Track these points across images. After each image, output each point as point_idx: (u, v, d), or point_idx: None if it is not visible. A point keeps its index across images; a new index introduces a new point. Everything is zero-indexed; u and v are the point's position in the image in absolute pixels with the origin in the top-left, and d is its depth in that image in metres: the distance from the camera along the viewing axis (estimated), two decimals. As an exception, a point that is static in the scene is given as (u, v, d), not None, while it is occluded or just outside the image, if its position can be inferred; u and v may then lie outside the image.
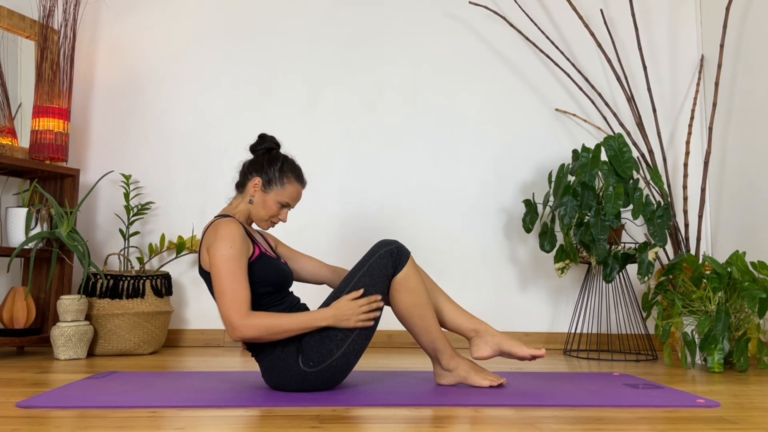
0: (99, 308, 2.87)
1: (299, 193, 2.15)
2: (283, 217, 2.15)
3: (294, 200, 2.14)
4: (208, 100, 3.39)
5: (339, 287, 1.99)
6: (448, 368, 2.09)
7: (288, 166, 2.14)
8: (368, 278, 1.96)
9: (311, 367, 1.92)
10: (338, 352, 1.92)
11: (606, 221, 2.84)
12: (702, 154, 3.42)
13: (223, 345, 3.27)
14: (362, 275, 1.96)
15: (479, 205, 3.41)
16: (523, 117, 3.47)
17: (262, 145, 2.18)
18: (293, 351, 1.93)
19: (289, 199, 2.13)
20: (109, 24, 3.39)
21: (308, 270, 2.28)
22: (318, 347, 1.91)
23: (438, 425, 1.56)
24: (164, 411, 1.68)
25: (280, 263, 2.09)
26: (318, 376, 1.93)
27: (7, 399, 1.83)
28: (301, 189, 2.16)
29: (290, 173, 2.13)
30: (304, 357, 1.92)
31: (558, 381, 2.26)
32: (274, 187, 2.10)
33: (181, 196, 3.33)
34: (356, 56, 3.45)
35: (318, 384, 1.94)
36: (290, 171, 2.13)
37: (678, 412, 1.74)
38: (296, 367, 1.92)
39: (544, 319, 3.39)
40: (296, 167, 2.16)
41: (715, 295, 2.64)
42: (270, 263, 2.03)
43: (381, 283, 1.96)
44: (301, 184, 2.16)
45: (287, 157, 2.17)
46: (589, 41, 3.47)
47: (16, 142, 3.00)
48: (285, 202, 2.12)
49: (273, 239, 2.30)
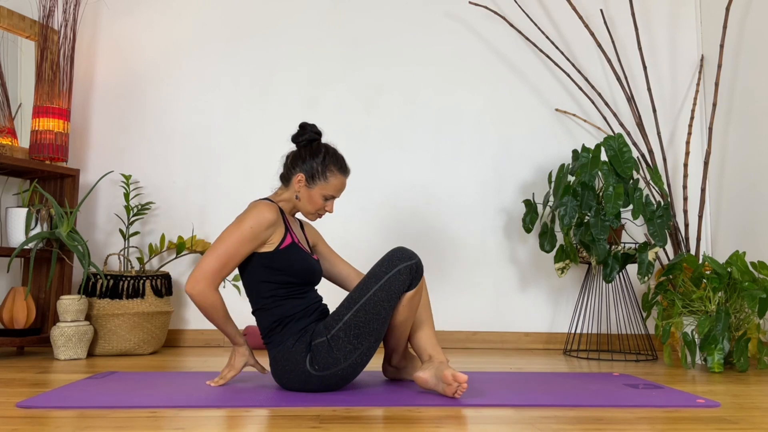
0: (99, 308, 2.87)
1: (343, 184, 2.13)
2: (329, 209, 2.14)
3: (339, 191, 2.13)
4: (208, 100, 3.39)
5: (355, 293, 1.94)
6: (396, 365, 2.20)
7: (330, 158, 2.12)
8: (384, 293, 1.91)
9: (316, 371, 1.92)
10: (345, 363, 1.92)
11: (606, 221, 2.84)
12: (702, 154, 3.42)
13: (223, 345, 3.27)
14: (379, 288, 1.91)
15: (479, 205, 3.41)
16: (523, 117, 3.47)
17: (303, 136, 2.15)
18: (303, 349, 1.94)
19: (333, 192, 2.12)
20: (109, 24, 3.39)
21: (340, 273, 2.29)
22: (326, 354, 1.91)
23: (438, 425, 1.56)
24: (164, 411, 1.68)
25: (310, 258, 2.09)
26: (321, 380, 1.93)
27: (7, 399, 1.83)
28: (345, 179, 2.14)
29: (332, 165, 2.11)
30: (312, 358, 1.92)
31: (558, 381, 2.25)
32: (318, 181, 2.10)
33: (181, 196, 3.33)
34: (356, 56, 3.45)
35: (319, 386, 1.95)
36: (332, 163, 2.11)
37: (678, 412, 1.74)
38: (302, 365, 1.93)
39: (544, 319, 3.39)
40: (338, 157, 2.13)
41: (715, 295, 2.64)
42: (298, 255, 2.04)
43: (395, 299, 1.93)
44: (345, 174, 2.13)
45: (328, 147, 2.14)
46: (589, 41, 3.47)
47: (16, 142, 3.00)
48: (330, 195, 2.12)
49: (314, 235, 2.29)
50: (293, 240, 2.05)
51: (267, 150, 3.38)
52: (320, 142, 2.15)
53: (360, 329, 1.90)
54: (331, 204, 2.15)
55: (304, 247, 2.09)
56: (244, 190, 3.35)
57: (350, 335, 1.90)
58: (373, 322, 1.91)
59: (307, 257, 2.07)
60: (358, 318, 1.90)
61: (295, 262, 2.02)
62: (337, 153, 2.14)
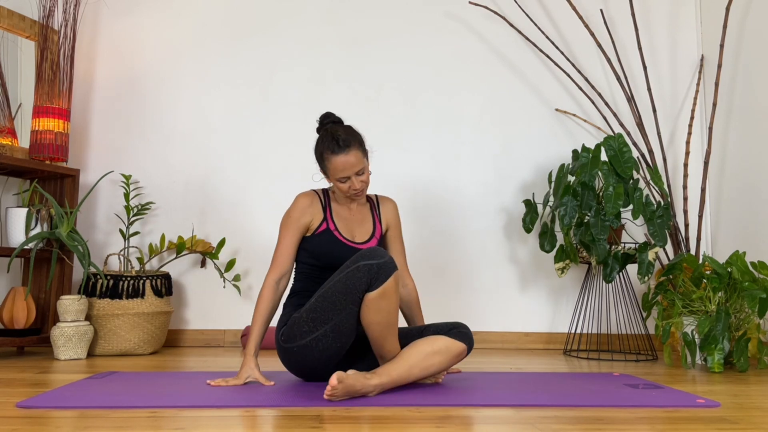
0: (99, 308, 2.87)
1: (346, 162, 2.09)
2: (355, 186, 2.13)
3: (346, 170, 2.10)
4: (208, 100, 3.39)
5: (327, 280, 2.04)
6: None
7: (321, 145, 2.14)
8: (341, 285, 1.94)
9: (282, 342, 2.07)
10: (299, 342, 2.01)
11: (606, 221, 2.84)
12: (702, 154, 3.42)
13: (223, 345, 3.27)
14: (338, 281, 1.96)
15: (479, 205, 3.41)
16: (523, 117, 3.47)
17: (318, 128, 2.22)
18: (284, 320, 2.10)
19: (341, 174, 2.12)
20: (109, 24, 3.39)
21: None
22: (290, 328, 2.05)
23: (438, 425, 1.56)
24: (164, 411, 1.68)
25: (342, 246, 2.15)
26: (284, 352, 2.08)
27: (7, 399, 1.83)
28: (344, 156, 2.09)
29: (326, 151, 2.12)
30: (284, 328, 2.07)
31: (558, 381, 2.25)
32: (327, 170, 2.16)
33: (181, 196, 3.33)
34: (356, 56, 3.45)
35: (285, 360, 2.09)
36: (325, 149, 2.12)
37: (678, 412, 1.74)
38: (279, 334, 2.10)
39: (544, 319, 3.39)
40: (328, 139, 2.12)
41: (715, 295, 2.64)
42: (328, 241, 2.15)
43: (353, 294, 1.94)
44: (340, 152, 2.09)
45: (322, 133, 2.18)
46: (589, 41, 3.47)
47: (16, 142, 3.00)
48: (341, 177, 2.12)
49: (390, 219, 2.32)
50: (328, 227, 2.16)
51: (267, 150, 3.38)
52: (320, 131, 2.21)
53: (317, 314, 1.98)
54: (354, 182, 2.13)
55: (340, 235, 2.17)
56: (244, 190, 3.35)
57: (308, 318, 2.00)
58: (329, 311, 1.96)
59: (336, 244, 2.15)
60: (317, 303, 1.98)
61: (321, 248, 2.16)
62: (327, 135, 2.14)
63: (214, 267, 3.27)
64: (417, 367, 2.00)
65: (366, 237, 2.23)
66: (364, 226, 2.26)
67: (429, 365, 2.02)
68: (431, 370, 2.04)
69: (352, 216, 2.25)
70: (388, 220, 2.32)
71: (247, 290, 3.30)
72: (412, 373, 2.00)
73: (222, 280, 3.24)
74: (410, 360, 2.00)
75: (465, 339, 2.08)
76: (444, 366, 2.06)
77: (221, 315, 3.28)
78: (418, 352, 2.01)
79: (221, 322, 3.29)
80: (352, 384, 1.83)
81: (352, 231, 2.22)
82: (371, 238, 2.23)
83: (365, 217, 2.28)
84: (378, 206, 2.33)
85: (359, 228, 2.24)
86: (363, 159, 2.13)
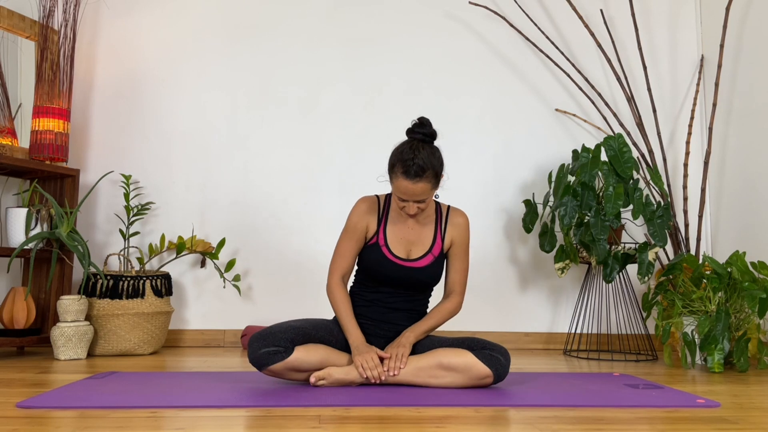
0: (99, 308, 2.87)
1: (411, 189, 2.00)
2: (409, 211, 2.06)
3: (407, 195, 2.03)
4: (208, 100, 3.39)
5: None
6: None
7: (397, 156, 2.04)
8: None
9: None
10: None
11: (606, 221, 2.84)
12: (702, 154, 3.42)
13: (223, 345, 3.27)
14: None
15: (479, 205, 3.41)
16: (523, 117, 3.47)
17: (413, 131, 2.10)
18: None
19: (399, 194, 2.05)
20: (109, 24, 3.39)
21: (446, 282, 2.24)
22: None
23: (438, 425, 1.56)
24: (164, 411, 1.68)
25: (388, 262, 2.11)
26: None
27: (7, 399, 1.83)
28: (412, 184, 1.99)
29: (396, 165, 2.02)
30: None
31: (558, 381, 2.25)
32: (391, 182, 2.08)
33: (181, 196, 3.33)
34: (356, 56, 3.45)
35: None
36: (397, 163, 2.02)
37: (678, 412, 1.74)
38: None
39: (544, 319, 3.39)
40: (404, 156, 2.01)
41: (715, 295, 2.64)
42: (376, 256, 2.13)
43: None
44: (406, 177, 1.99)
45: (405, 145, 2.05)
46: (589, 41, 3.47)
47: (16, 143, 3.00)
48: (399, 196, 2.05)
49: (456, 236, 2.19)
50: (377, 240, 2.14)
51: (267, 150, 3.38)
52: (405, 140, 2.09)
53: None
54: (410, 205, 2.05)
55: (389, 251, 2.12)
56: (244, 190, 3.35)
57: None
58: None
59: (383, 261, 2.12)
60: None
61: (368, 260, 2.15)
62: (409, 151, 2.01)
63: (214, 267, 3.27)
64: (424, 372, 2.02)
65: (421, 253, 2.15)
66: (422, 240, 2.17)
67: (433, 375, 2.02)
68: (441, 382, 2.02)
69: (410, 228, 2.17)
70: (453, 236, 2.19)
71: (247, 290, 3.30)
72: (419, 376, 2.03)
73: (222, 280, 3.24)
74: (420, 362, 2.03)
75: (493, 363, 1.99)
76: (460, 384, 2.01)
77: (221, 315, 3.28)
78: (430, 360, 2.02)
79: (221, 322, 3.29)
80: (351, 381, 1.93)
81: (407, 245, 2.15)
82: (427, 254, 2.15)
83: (426, 231, 2.18)
84: (445, 220, 2.21)
85: (416, 242, 2.16)
86: (430, 191, 2.04)
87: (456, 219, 2.21)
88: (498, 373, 2.01)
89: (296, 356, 1.97)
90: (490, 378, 2.01)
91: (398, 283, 2.14)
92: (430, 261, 2.15)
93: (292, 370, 1.99)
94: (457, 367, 2.00)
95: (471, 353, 2.01)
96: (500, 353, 2.02)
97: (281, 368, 1.98)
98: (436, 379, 2.02)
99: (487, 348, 2.03)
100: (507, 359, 2.03)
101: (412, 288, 2.16)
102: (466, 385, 2.02)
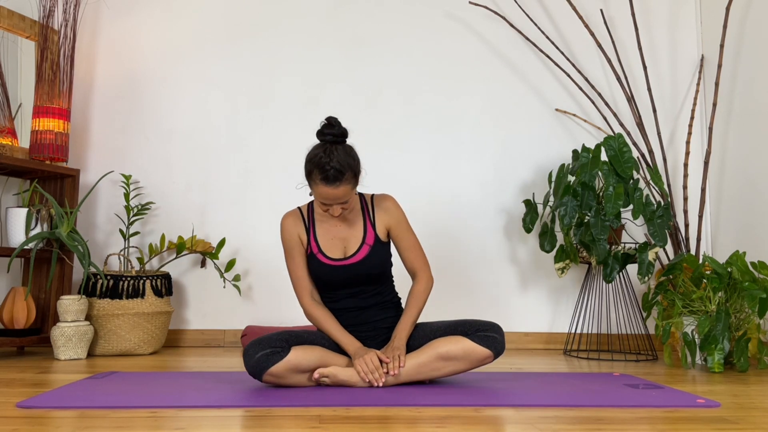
0: (99, 308, 2.87)
1: (332, 194, 1.99)
2: (333, 213, 2.06)
3: (329, 200, 2.02)
4: (208, 100, 3.39)
5: None
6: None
7: (311, 163, 2.01)
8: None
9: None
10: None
11: (606, 221, 2.84)
12: (702, 154, 3.42)
13: (223, 345, 3.27)
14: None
15: (479, 205, 3.41)
16: (523, 117, 3.47)
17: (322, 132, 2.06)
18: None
19: (321, 200, 2.04)
20: (109, 24, 3.39)
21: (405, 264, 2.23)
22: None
23: (438, 425, 1.56)
24: (164, 411, 1.68)
25: (329, 268, 2.11)
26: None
27: (7, 399, 1.83)
28: (332, 189, 1.98)
29: (313, 172, 2.00)
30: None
31: (558, 381, 2.25)
32: (311, 188, 2.07)
33: (181, 196, 3.33)
34: (356, 56, 3.45)
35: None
36: (314, 170, 1.99)
37: (678, 412, 1.74)
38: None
39: (544, 319, 3.39)
40: (320, 162, 1.97)
41: (715, 295, 2.64)
42: (314, 264, 2.14)
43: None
44: (328, 183, 1.98)
45: (318, 149, 2.02)
46: (589, 41, 3.47)
47: (16, 143, 3.00)
48: (322, 202, 2.05)
49: (389, 220, 2.17)
50: (311, 250, 2.14)
51: (267, 150, 3.38)
52: (316, 145, 2.06)
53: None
54: (334, 208, 2.05)
55: (324, 257, 2.12)
56: (244, 190, 3.35)
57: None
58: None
59: (323, 268, 2.12)
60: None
61: (311, 272, 2.17)
62: (323, 156, 1.98)
63: (214, 267, 3.27)
64: (425, 367, 2.03)
65: (356, 247, 2.13)
66: (354, 234, 2.15)
67: (435, 368, 2.03)
68: (444, 372, 2.05)
69: (339, 228, 2.16)
70: (385, 221, 2.18)
71: (247, 290, 3.30)
72: (422, 372, 2.04)
73: (222, 280, 3.24)
74: (420, 359, 2.03)
75: (491, 344, 2.03)
76: (462, 370, 2.05)
77: (221, 315, 3.28)
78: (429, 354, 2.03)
79: (221, 322, 3.29)
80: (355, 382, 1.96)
81: (342, 242, 2.15)
82: (361, 246, 2.13)
83: (355, 225, 2.16)
84: (372, 210, 2.19)
85: (349, 237, 2.15)
86: (351, 191, 2.03)
87: (382, 203, 2.19)
88: (497, 351, 2.05)
89: (294, 354, 1.97)
90: (491, 357, 2.05)
91: (347, 284, 2.13)
92: (366, 252, 2.13)
93: (292, 370, 1.98)
94: (456, 356, 2.02)
95: (467, 339, 2.03)
96: (495, 331, 2.06)
97: (281, 369, 1.96)
98: (439, 371, 2.05)
99: (481, 330, 2.05)
100: (501, 335, 2.07)
101: (363, 283, 2.15)
102: (469, 369, 2.06)
